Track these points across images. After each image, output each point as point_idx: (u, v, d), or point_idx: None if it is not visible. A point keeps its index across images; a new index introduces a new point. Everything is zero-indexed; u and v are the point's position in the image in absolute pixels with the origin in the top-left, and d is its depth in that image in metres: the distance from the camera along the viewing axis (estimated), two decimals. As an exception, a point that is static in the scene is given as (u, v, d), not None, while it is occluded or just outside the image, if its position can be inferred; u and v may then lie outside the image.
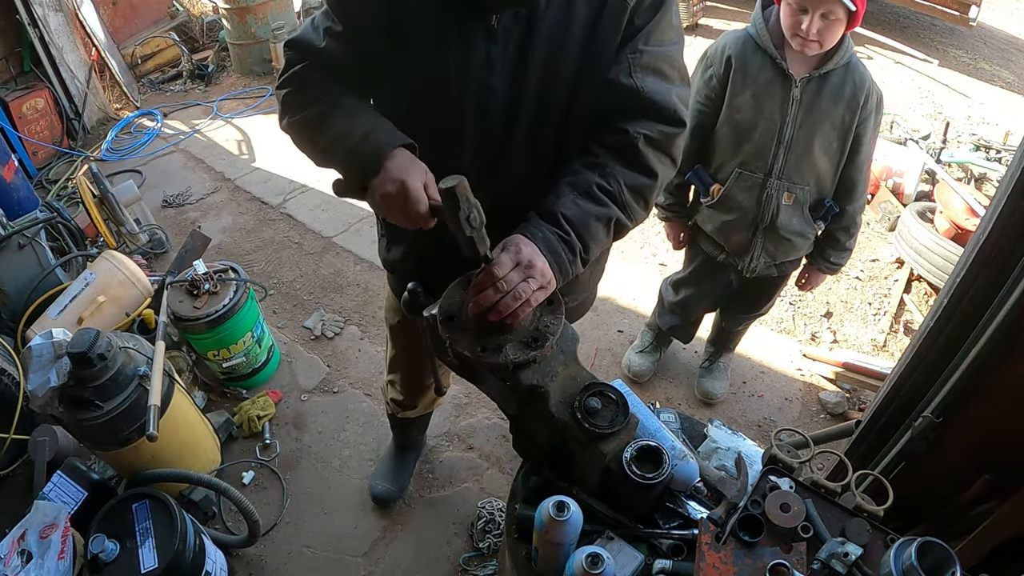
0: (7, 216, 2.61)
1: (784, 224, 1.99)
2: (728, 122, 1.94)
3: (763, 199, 1.96)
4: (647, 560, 1.17)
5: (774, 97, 1.84)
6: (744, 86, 1.87)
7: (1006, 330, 1.21)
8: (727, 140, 1.97)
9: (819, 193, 1.98)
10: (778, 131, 1.86)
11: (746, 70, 1.86)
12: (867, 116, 1.85)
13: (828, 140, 1.87)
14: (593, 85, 1.16)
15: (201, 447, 2.20)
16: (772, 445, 1.23)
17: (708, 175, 2.05)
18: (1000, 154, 3.56)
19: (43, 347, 1.79)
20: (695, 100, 1.99)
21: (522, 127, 1.19)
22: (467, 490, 2.34)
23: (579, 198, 1.13)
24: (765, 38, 1.82)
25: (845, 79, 1.81)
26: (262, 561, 2.17)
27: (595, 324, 2.92)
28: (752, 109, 1.88)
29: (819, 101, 1.82)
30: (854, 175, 1.95)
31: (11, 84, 3.83)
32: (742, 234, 2.05)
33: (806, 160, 1.89)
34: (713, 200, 2.04)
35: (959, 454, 1.39)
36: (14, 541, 1.64)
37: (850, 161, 1.92)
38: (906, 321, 2.99)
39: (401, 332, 1.77)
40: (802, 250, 2.11)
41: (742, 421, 2.57)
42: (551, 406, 1.08)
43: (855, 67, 1.82)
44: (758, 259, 2.09)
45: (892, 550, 1.01)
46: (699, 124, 2.00)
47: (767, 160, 1.91)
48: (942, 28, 5.36)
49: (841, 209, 1.99)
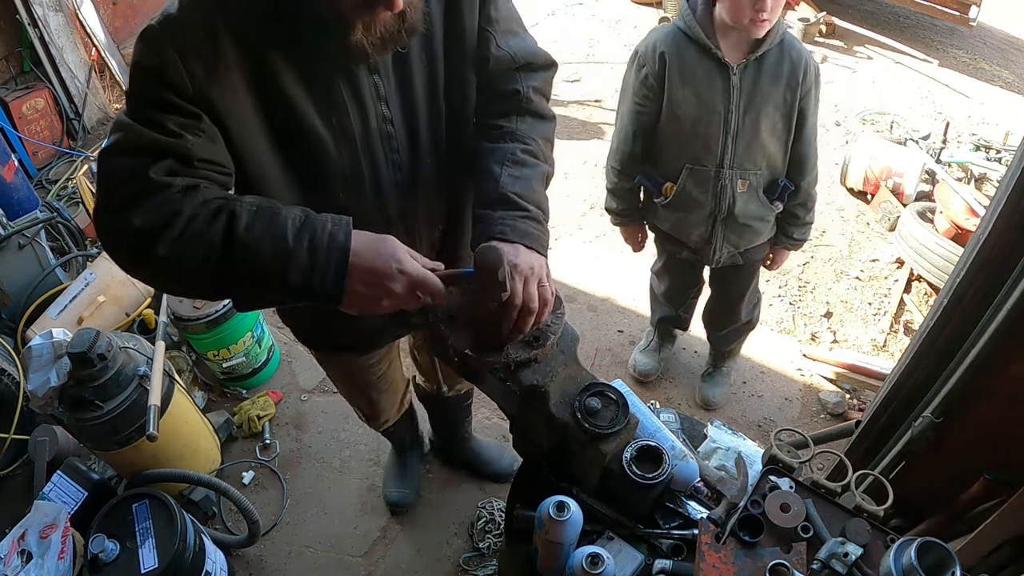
0: (7, 216, 2.61)
1: (742, 212, 1.97)
2: (671, 119, 1.90)
3: (718, 191, 1.93)
4: (647, 560, 1.17)
5: (714, 88, 1.81)
6: (682, 81, 1.84)
7: (1006, 330, 1.21)
8: (672, 137, 1.94)
9: (771, 175, 1.96)
10: (723, 122, 1.84)
11: (682, 65, 1.83)
12: (807, 90, 1.82)
13: (774, 122, 1.85)
14: (471, 68, 1.19)
15: (201, 447, 2.20)
16: (772, 445, 1.23)
17: (658, 174, 2.02)
18: (1000, 154, 3.56)
19: (43, 347, 1.79)
20: (632, 102, 1.95)
21: (426, 141, 1.19)
22: (467, 490, 2.34)
23: (514, 170, 1.14)
24: (696, 29, 1.79)
25: (781, 58, 1.78)
26: (262, 561, 2.17)
27: (595, 324, 2.92)
28: (694, 104, 1.85)
29: (759, 85, 1.79)
30: (803, 150, 1.93)
31: (11, 84, 3.82)
32: (701, 228, 2.03)
33: (755, 145, 1.87)
34: (667, 199, 2.01)
35: (959, 454, 1.39)
36: (14, 541, 1.64)
37: (797, 137, 1.91)
38: (906, 321, 2.99)
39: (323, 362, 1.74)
40: (764, 234, 2.08)
41: (742, 421, 2.57)
42: (551, 406, 1.09)
43: (789, 44, 1.80)
44: (721, 250, 2.07)
45: (892, 550, 1.01)
46: (640, 125, 1.96)
47: (717, 152, 1.88)
48: (942, 28, 5.35)
49: (796, 186, 1.98)
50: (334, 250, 0.92)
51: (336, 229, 0.94)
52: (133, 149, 0.92)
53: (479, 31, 1.17)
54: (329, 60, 1.02)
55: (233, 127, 0.99)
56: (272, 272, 0.92)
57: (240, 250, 0.91)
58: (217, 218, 0.92)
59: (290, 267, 0.92)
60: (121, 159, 0.93)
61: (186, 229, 0.90)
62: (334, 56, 1.01)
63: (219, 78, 0.95)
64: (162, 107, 0.93)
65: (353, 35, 0.96)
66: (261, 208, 0.94)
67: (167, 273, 0.95)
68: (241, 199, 0.95)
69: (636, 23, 5.26)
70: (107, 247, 0.97)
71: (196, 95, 0.94)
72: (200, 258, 0.91)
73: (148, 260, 0.92)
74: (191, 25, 0.94)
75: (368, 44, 0.97)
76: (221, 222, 0.91)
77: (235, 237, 0.91)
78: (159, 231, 0.90)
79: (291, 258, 0.91)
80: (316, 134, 1.06)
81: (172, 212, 0.90)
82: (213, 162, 0.97)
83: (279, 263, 0.91)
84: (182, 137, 0.93)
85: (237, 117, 0.99)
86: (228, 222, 0.91)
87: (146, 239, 0.90)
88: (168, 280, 1.00)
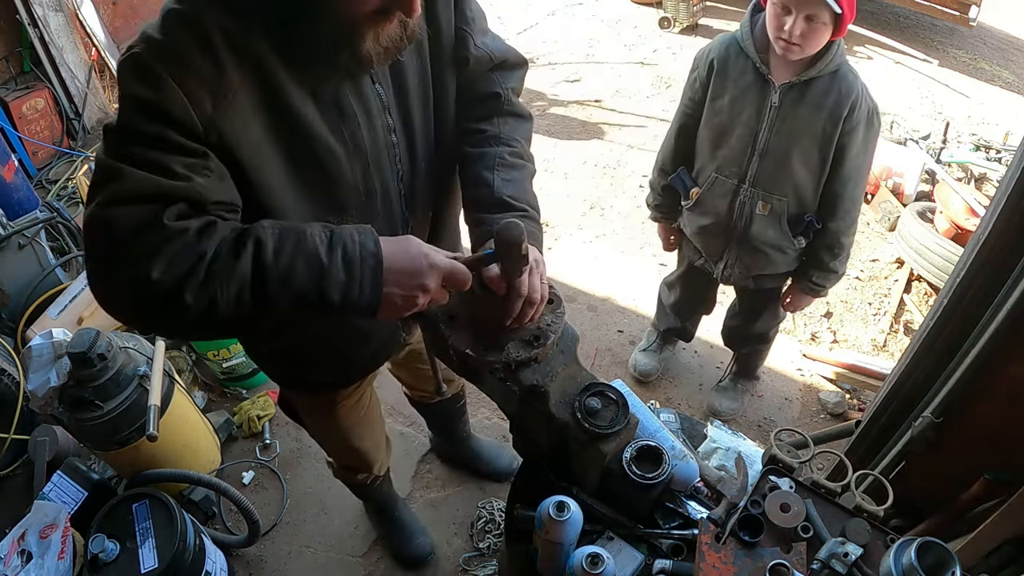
0: (7, 216, 2.61)
1: (758, 234, 1.94)
2: (707, 125, 1.92)
3: (736, 206, 1.92)
4: (647, 560, 1.17)
5: (751, 102, 1.80)
6: (723, 89, 1.84)
7: (1006, 330, 1.21)
8: (706, 144, 1.95)
9: (799, 207, 1.90)
10: (752, 136, 1.82)
11: (726, 73, 1.83)
12: (852, 128, 1.74)
13: (807, 151, 1.79)
14: (451, 69, 1.18)
15: (201, 447, 2.19)
16: (772, 445, 1.23)
17: (690, 178, 2.03)
18: (1000, 154, 3.56)
19: (43, 347, 1.79)
20: (681, 102, 1.99)
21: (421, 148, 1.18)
22: (467, 490, 2.34)
23: (505, 173, 1.15)
24: (748, 42, 1.78)
25: (830, 88, 1.72)
26: (262, 561, 2.17)
27: (595, 324, 2.92)
28: (729, 113, 1.84)
29: (799, 109, 1.75)
30: (837, 190, 1.85)
31: (11, 84, 3.82)
32: (716, 240, 2.04)
33: (784, 170, 1.83)
34: (691, 203, 2.03)
35: (959, 454, 1.39)
36: (14, 541, 1.64)
37: (833, 175, 1.83)
38: (906, 321, 2.99)
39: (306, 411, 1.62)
40: (781, 265, 2.03)
41: (742, 421, 2.57)
42: (551, 406, 1.08)
43: (843, 76, 1.73)
44: (732, 267, 2.07)
45: (892, 550, 1.01)
46: (683, 126, 1.99)
47: (741, 166, 1.87)
48: (942, 28, 5.35)
49: (824, 226, 1.90)
50: (367, 259, 0.89)
51: (364, 238, 0.90)
52: (137, 198, 0.82)
53: (456, 31, 1.16)
54: (337, 72, 0.97)
55: (246, 157, 0.91)
56: (312, 294, 0.87)
57: (274, 278, 0.85)
58: (243, 250, 0.85)
59: (328, 285, 0.87)
60: (123, 210, 0.81)
61: (212, 269, 0.83)
62: (342, 67, 0.96)
63: (227, 105, 0.87)
64: (165, 148, 0.84)
65: (364, 44, 0.91)
66: (284, 230, 0.88)
67: (201, 321, 0.85)
68: (260, 225, 0.89)
69: (636, 23, 5.26)
70: (121, 311, 0.87)
71: (206, 130, 0.86)
72: (234, 296, 0.84)
73: (178, 313, 0.83)
74: (186, 47, 0.84)
75: (374, 54, 0.94)
76: (248, 253, 0.85)
77: (265, 266, 0.85)
78: (184, 280, 0.82)
79: (327, 275, 0.87)
80: (329, 149, 1.00)
81: (196, 256, 0.82)
82: (224, 202, 0.90)
83: (317, 283, 0.86)
84: (191, 180, 0.84)
85: (250, 144, 0.91)
86: (255, 251, 0.85)
87: (172, 291, 0.81)
88: (202, 328, 0.91)
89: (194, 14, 0.85)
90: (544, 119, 4.21)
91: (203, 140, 0.86)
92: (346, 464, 1.85)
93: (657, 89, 4.51)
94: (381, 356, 1.45)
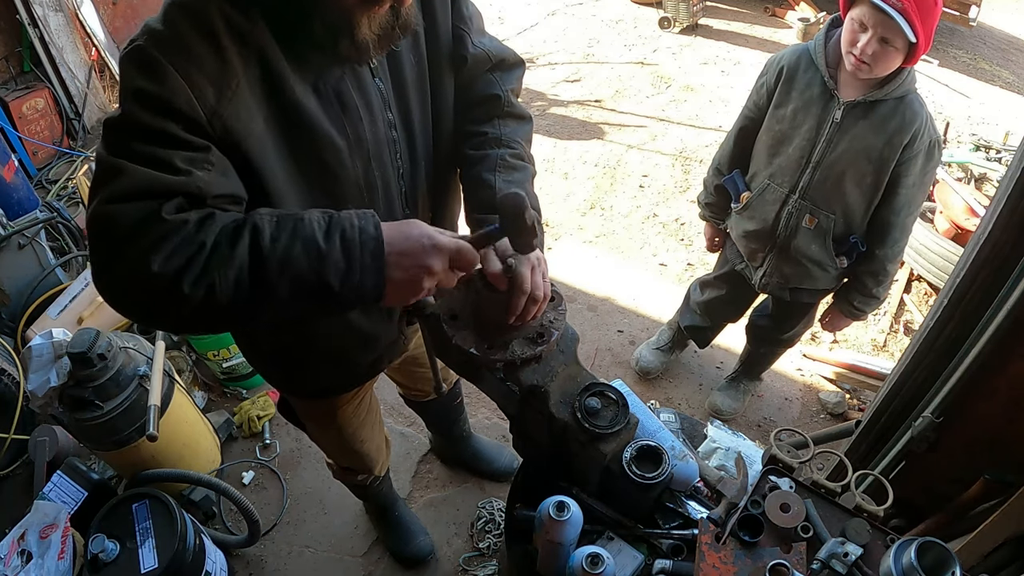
0: (7, 216, 2.61)
1: (801, 247, 1.93)
2: (767, 131, 1.92)
3: (783, 215, 1.92)
4: (647, 560, 1.17)
5: (813, 115, 1.79)
6: (788, 98, 1.84)
7: (1006, 330, 1.21)
8: (763, 149, 1.95)
9: (846, 227, 1.89)
10: (810, 149, 1.81)
11: (794, 82, 1.83)
12: (911, 157, 1.72)
13: (862, 172, 1.77)
14: (449, 69, 1.18)
15: (201, 447, 2.20)
16: (772, 445, 1.23)
17: (743, 181, 2.04)
18: (1000, 154, 3.55)
19: (43, 347, 1.79)
20: (744, 105, 2.00)
21: (420, 145, 1.18)
22: (467, 490, 2.34)
23: (506, 175, 1.15)
24: (820, 55, 1.76)
25: (894, 113, 1.70)
26: (262, 561, 2.17)
27: (595, 324, 2.92)
28: (790, 122, 1.84)
29: (859, 128, 1.73)
30: (888, 217, 1.83)
31: (11, 84, 3.82)
32: (759, 246, 2.04)
33: (835, 187, 1.82)
34: (740, 206, 2.03)
35: (959, 454, 1.39)
36: (14, 541, 1.64)
37: (885, 201, 1.82)
38: (906, 321, 2.99)
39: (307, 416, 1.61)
40: (820, 282, 2.02)
41: (742, 421, 2.57)
42: (551, 406, 1.08)
43: (910, 103, 1.70)
44: (770, 276, 2.06)
45: (892, 550, 1.01)
46: (744, 128, 2.00)
47: (794, 176, 1.87)
48: (942, 28, 5.35)
49: (870, 251, 1.89)
50: (367, 242, 0.87)
51: (364, 223, 0.88)
52: (137, 193, 0.82)
53: (453, 29, 1.16)
54: (337, 61, 0.96)
55: (252, 149, 0.91)
56: (311, 279, 0.85)
57: (272, 263, 0.84)
58: (240, 237, 0.84)
59: (327, 269, 0.85)
60: (124, 206, 0.82)
61: (211, 258, 0.83)
62: (342, 57, 0.95)
63: (231, 98, 0.86)
64: (166, 142, 0.83)
65: (359, 31, 0.91)
66: (282, 217, 0.87)
67: (202, 311, 0.84)
68: (258, 212, 0.88)
69: (636, 23, 5.27)
70: (123, 305, 0.87)
71: (209, 122, 0.85)
72: (232, 283, 0.83)
73: (178, 304, 0.83)
74: (190, 38, 0.84)
75: (370, 40, 0.93)
76: (245, 240, 0.84)
77: (263, 251, 0.84)
78: (183, 271, 0.82)
79: (326, 260, 0.85)
80: (331, 142, 0.99)
81: (196, 247, 0.82)
82: (224, 196, 0.89)
83: (315, 267, 0.85)
84: (191, 174, 0.84)
85: (254, 137, 0.91)
86: (252, 238, 0.84)
87: (172, 282, 0.81)
88: (204, 319, 0.89)
89: (197, 4, 0.85)
90: (544, 119, 4.21)
91: (206, 132, 0.86)
92: (346, 466, 1.85)
93: (657, 89, 4.52)
94: (382, 363, 1.45)
